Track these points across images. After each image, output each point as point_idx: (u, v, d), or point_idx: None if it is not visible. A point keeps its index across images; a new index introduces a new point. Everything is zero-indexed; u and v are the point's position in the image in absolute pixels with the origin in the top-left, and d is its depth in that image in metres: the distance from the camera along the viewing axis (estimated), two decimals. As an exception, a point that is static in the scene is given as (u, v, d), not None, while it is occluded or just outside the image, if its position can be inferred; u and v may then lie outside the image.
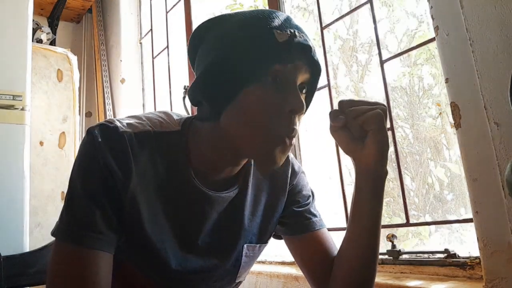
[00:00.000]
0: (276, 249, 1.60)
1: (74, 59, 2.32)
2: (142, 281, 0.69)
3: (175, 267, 0.67)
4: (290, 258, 1.49)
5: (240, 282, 0.79)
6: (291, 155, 0.81)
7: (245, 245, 0.74)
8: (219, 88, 0.61)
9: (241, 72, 0.59)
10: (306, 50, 0.62)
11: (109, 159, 0.59)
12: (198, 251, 0.70)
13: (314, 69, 0.64)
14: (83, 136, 0.64)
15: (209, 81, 0.61)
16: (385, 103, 1.24)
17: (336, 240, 0.78)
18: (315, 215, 0.80)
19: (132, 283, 0.70)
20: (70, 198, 0.60)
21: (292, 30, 0.61)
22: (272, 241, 0.95)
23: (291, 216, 0.79)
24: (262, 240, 0.77)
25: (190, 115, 0.73)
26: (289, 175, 0.78)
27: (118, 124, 0.62)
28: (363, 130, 0.62)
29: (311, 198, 0.83)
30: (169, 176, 0.65)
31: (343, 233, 0.70)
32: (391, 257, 1.15)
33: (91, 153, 0.60)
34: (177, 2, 2.38)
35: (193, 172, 0.66)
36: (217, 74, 0.60)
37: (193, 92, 0.64)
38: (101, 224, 0.59)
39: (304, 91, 0.64)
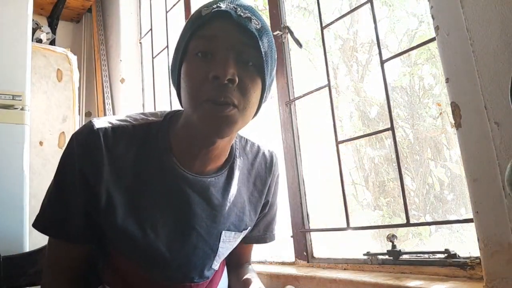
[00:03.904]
0: (276, 249, 1.60)
1: (73, 58, 2.31)
2: (130, 267, 0.75)
3: (157, 249, 0.72)
4: (290, 258, 1.49)
5: (214, 270, 0.84)
6: (275, 159, 0.89)
7: (223, 231, 0.78)
8: (173, 69, 0.69)
9: (177, 50, 0.67)
10: (225, 15, 0.61)
11: (81, 163, 0.67)
12: (179, 232, 0.73)
13: (248, 36, 0.62)
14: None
15: (171, 65, 0.70)
16: (385, 103, 1.24)
17: (336, 240, 0.78)
18: (267, 230, 0.93)
19: (123, 269, 0.76)
20: (48, 196, 0.72)
21: (220, 4, 0.62)
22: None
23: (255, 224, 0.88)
24: (238, 229, 0.82)
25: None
26: (269, 180, 0.87)
27: (95, 122, 0.69)
28: None
29: (274, 211, 0.93)
30: (149, 163, 0.71)
31: (343, 233, 0.71)
32: (391, 257, 1.15)
33: (68, 160, 0.69)
34: (177, 2, 2.37)
35: (174, 157, 0.71)
36: (173, 58, 0.69)
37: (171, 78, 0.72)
38: (70, 221, 0.69)
39: (250, 63, 0.64)
